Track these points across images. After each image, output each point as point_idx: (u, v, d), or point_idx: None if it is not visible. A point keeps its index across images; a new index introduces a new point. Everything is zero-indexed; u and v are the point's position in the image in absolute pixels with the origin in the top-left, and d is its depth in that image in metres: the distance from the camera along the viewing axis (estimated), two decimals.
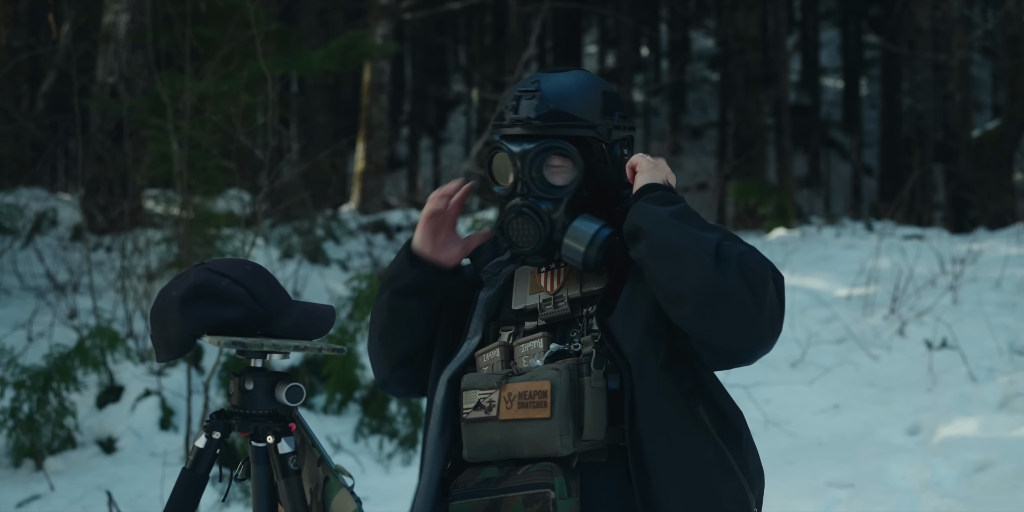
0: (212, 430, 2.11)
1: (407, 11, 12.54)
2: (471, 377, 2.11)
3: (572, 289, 2.12)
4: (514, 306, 2.17)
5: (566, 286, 2.13)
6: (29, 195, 9.46)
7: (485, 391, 2.07)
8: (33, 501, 5.17)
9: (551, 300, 2.13)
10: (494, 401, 2.05)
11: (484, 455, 2.07)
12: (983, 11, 17.69)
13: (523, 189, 2.10)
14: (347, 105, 18.10)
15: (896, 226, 10.88)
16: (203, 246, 7.33)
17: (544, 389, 2.00)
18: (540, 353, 2.08)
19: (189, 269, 2.09)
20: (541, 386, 2.01)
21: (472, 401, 2.08)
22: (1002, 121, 13.15)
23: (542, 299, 2.14)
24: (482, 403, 2.06)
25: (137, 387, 5.89)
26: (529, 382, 2.02)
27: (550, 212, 2.09)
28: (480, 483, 2.05)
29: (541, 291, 2.15)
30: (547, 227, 2.09)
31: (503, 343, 2.13)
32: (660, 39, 24.02)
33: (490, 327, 2.19)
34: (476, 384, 2.09)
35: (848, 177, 20.01)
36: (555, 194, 2.10)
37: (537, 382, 2.01)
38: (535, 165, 2.09)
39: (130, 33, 8.78)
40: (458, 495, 2.07)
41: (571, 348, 2.08)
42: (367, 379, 6.20)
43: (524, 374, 2.04)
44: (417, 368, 2.21)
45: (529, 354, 2.09)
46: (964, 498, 4.81)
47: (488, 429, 2.05)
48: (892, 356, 6.87)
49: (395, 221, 10.82)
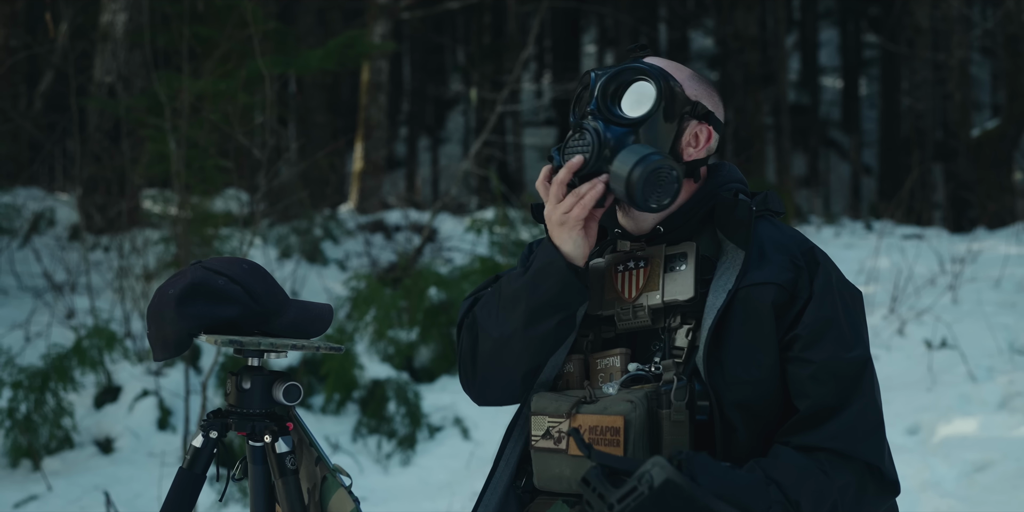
0: (209, 429, 2.09)
1: (405, 10, 12.52)
2: (542, 399, 1.93)
3: (652, 297, 1.93)
4: (590, 311, 1.98)
5: (646, 292, 1.94)
6: (27, 195, 9.45)
7: (555, 420, 1.89)
8: (31, 501, 5.15)
9: (629, 309, 1.94)
10: (563, 432, 1.88)
11: (554, 487, 1.91)
12: (982, 10, 17.68)
13: (594, 108, 1.91)
14: (345, 105, 18.09)
15: (895, 226, 10.88)
16: (201, 246, 7.32)
17: (617, 426, 1.82)
18: (617, 373, 1.92)
19: (186, 268, 2.08)
20: (614, 422, 1.83)
21: (541, 428, 1.91)
22: (1001, 120, 13.15)
23: (620, 308, 1.96)
24: (551, 433, 1.89)
25: (135, 387, 5.87)
26: (601, 416, 1.84)
27: (610, 138, 1.89)
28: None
29: (618, 297, 1.97)
30: (601, 145, 1.87)
31: (580, 357, 1.97)
32: (659, 38, 24.00)
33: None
34: (546, 409, 1.91)
35: (847, 177, 20.01)
36: (623, 120, 1.90)
37: (610, 416, 1.83)
38: (617, 83, 1.92)
39: (128, 32, 8.76)
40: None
41: (650, 371, 1.90)
42: (365, 379, 6.19)
43: (597, 403, 1.86)
44: (531, 381, 2.01)
45: (606, 372, 1.93)
46: (964, 498, 4.80)
47: (558, 462, 1.88)
48: (892, 356, 6.85)
49: (393, 221, 10.81)
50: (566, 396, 1.91)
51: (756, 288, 1.88)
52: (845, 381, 1.86)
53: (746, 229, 1.91)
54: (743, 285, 1.88)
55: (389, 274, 7.91)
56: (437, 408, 6.13)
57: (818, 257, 1.93)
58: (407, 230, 10.42)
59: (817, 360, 1.85)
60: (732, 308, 1.87)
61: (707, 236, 1.96)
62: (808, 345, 1.86)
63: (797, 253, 1.92)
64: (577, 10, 20.30)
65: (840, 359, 1.86)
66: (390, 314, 6.65)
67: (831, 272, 1.93)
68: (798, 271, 1.90)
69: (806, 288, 1.89)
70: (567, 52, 22.52)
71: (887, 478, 1.88)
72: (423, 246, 8.72)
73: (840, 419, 1.84)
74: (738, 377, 1.85)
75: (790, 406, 1.88)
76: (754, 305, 1.87)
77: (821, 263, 1.93)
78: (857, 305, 1.94)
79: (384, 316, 6.62)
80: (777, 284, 1.88)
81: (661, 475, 1.66)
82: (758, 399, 1.86)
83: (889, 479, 1.88)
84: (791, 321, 1.88)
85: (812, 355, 1.85)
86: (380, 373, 6.25)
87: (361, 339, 6.62)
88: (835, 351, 1.86)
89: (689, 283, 1.91)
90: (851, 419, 1.85)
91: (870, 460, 1.86)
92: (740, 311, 1.87)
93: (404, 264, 8.05)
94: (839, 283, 1.93)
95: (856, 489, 1.84)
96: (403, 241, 10.09)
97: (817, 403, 1.85)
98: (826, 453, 1.83)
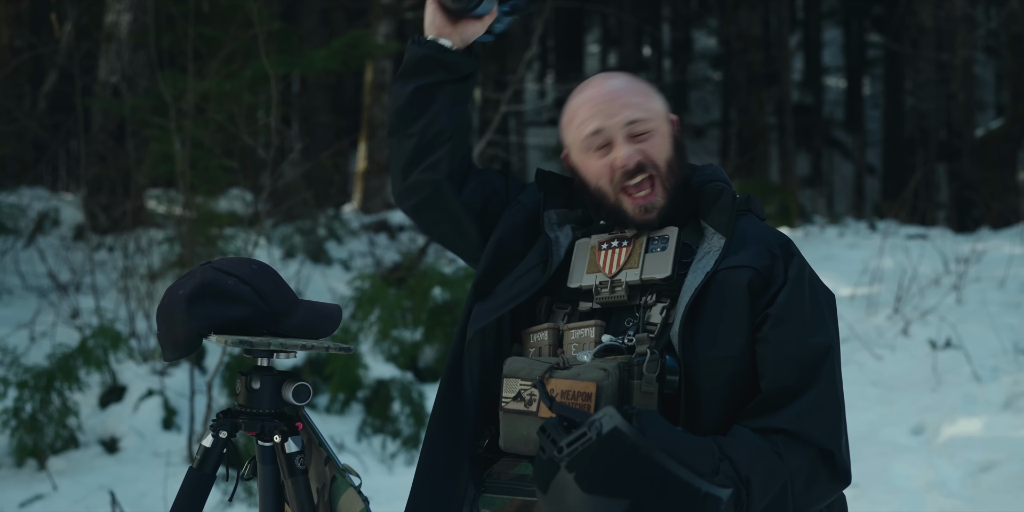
0: (219, 429, 2.10)
1: (409, 10, 12.53)
2: (514, 363, 1.99)
3: (631, 274, 2.01)
4: (570, 283, 2.06)
5: (626, 269, 2.02)
6: (31, 195, 9.46)
7: (527, 382, 1.95)
8: (36, 501, 5.16)
9: (608, 284, 2.02)
10: (535, 395, 1.94)
11: (520, 449, 1.97)
12: (986, 10, 17.67)
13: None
14: (349, 105, 18.09)
15: (899, 226, 10.88)
16: (205, 246, 7.32)
17: (589, 391, 1.89)
18: (591, 344, 1.97)
19: (196, 268, 2.09)
20: (586, 387, 1.90)
21: (512, 390, 1.97)
22: (1005, 120, 13.14)
23: (599, 281, 2.03)
24: (522, 395, 1.95)
25: (140, 387, 5.88)
26: (574, 381, 1.91)
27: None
28: (514, 479, 2.00)
29: (599, 272, 2.04)
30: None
31: (553, 326, 2.03)
32: (662, 38, 24.00)
33: (543, 302, 2.08)
34: (518, 372, 1.97)
35: (851, 177, 20.00)
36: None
37: (582, 382, 1.90)
38: None
39: (132, 32, 8.77)
40: (491, 488, 2.02)
41: (624, 342, 1.97)
42: (370, 379, 6.20)
43: (570, 369, 1.93)
44: (440, 170, 2.13)
45: (579, 343, 1.99)
46: (969, 498, 4.80)
47: (527, 423, 1.94)
48: (896, 356, 6.85)
49: (397, 221, 10.81)
50: (539, 361, 1.97)
51: (733, 271, 1.95)
52: (807, 367, 1.92)
53: (729, 215, 2.00)
54: (721, 268, 1.95)
55: (393, 274, 7.92)
56: None
57: (793, 249, 2.01)
58: (411, 230, 10.43)
59: (781, 340, 1.92)
60: (709, 289, 1.94)
61: (690, 227, 2.04)
62: (775, 325, 1.93)
63: (775, 244, 2.01)
64: (580, 10, 20.30)
65: (803, 344, 1.92)
66: (394, 314, 6.65)
67: (805, 266, 2.01)
68: (774, 259, 1.98)
69: (781, 275, 1.97)
70: (570, 52, 22.52)
71: (839, 466, 1.93)
72: (427, 246, 8.72)
73: (799, 403, 1.90)
74: (709, 355, 1.91)
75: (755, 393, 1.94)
76: (730, 286, 1.94)
77: (795, 255, 2.01)
78: (829, 302, 2.02)
79: (388, 316, 6.62)
80: (754, 268, 1.96)
81: (610, 423, 1.71)
82: (725, 379, 1.91)
83: (842, 468, 1.93)
84: (764, 304, 1.94)
85: (777, 334, 1.92)
86: (384, 373, 6.26)
87: (365, 339, 6.62)
88: (798, 335, 1.93)
89: (668, 263, 1.99)
90: (810, 404, 1.90)
91: (825, 446, 1.91)
92: (717, 291, 1.94)
93: (408, 264, 8.06)
94: (812, 278, 2.01)
95: (808, 473, 1.89)
96: (407, 241, 10.10)
97: (778, 386, 1.91)
98: (783, 436, 1.89)
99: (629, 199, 2.02)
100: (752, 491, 1.83)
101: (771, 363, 1.92)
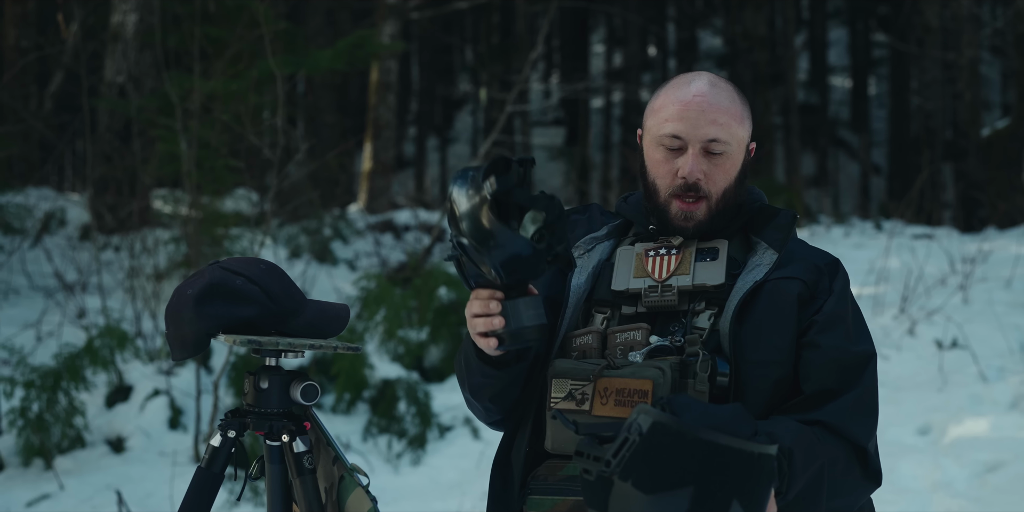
0: (227, 429, 2.10)
1: (414, 11, 12.54)
2: (563, 364, 1.99)
3: (683, 279, 2.01)
4: (614, 286, 2.05)
5: (676, 275, 2.02)
6: (38, 195, 9.48)
7: (578, 382, 1.95)
8: (43, 500, 5.17)
9: (657, 288, 2.02)
10: (587, 394, 1.93)
11: (568, 450, 1.93)
12: (992, 9, 17.66)
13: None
14: (354, 105, 18.12)
15: (905, 225, 10.86)
16: (211, 246, 7.33)
17: (645, 388, 1.90)
18: (639, 346, 1.97)
19: (204, 268, 2.09)
20: (642, 385, 1.90)
21: (563, 390, 1.96)
22: (1012, 120, 13.13)
23: (647, 285, 2.02)
24: (574, 394, 1.95)
25: (146, 386, 5.89)
26: (629, 379, 1.92)
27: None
28: (563, 480, 1.98)
29: (647, 276, 2.04)
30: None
31: (597, 330, 2.03)
32: (668, 38, 23.99)
33: (582, 306, 2.07)
34: (569, 373, 1.97)
35: (857, 176, 19.99)
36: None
37: (638, 380, 1.91)
38: None
39: (138, 33, 8.79)
40: (537, 490, 2.00)
41: (673, 343, 1.97)
42: (376, 379, 6.20)
43: (623, 369, 1.94)
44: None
45: (625, 346, 1.98)
46: (975, 498, 4.79)
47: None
48: (902, 356, 6.84)
49: (402, 221, 10.82)
50: (588, 362, 1.98)
51: (783, 281, 2.01)
52: (848, 371, 1.97)
53: (786, 233, 2.06)
54: (771, 278, 2.00)
55: (399, 274, 7.92)
56: (447, 408, 6.13)
57: (839, 268, 2.08)
58: (416, 230, 10.44)
59: (826, 345, 1.97)
60: (758, 296, 1.99)
61: (738, 241, 2.08)
62: (821, 331, 1.98)
63: (821, 263, 2.07)
64: (586, 10, 20.30)
65: (846, 349, 1.98)
66: (400, 314, 6.66)
67: (848, 284, 2.07)
68: (820, 274, 2.04)
69: (827, 288, 2.03)
70: (576, 52, 22.53)
71: (871, 466, 1.97)
72: (432, 246, 8.73)
73: (838, 402, 1.95)
74: (755, 358, 1.95)
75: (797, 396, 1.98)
76: (780, 295, 1.99)
77: (841, 273, 2.07)
78: (863, 317, 2.08)
79: (394, 316, 6.63)
80: (803, 280, 2.01)
81: (647, 420, 1.70)
82: (769, 383, 1.95)
83: (874, 468, 1.97)
84: (812, 312, 2.00)
85: (823, 340, 1.97)
86: (390, 373, 6.26)
87: (371, 339, 6.63)
88: (843, 341, 1.98)
89: (720, 271, 2.02)
90: (848, 403, 1.95)
91: (859, 442, 1.95)
92: (766, 299, 1.98)
93: (414, 264, 8.06)
94: (852, 296, 2.08)
95: (845, 462, 1.93)
96: (412, 241, 10.11)
97: (820, 387, 1.96)
98: (821, 426, 1.93)
99: (678, 201, 2.05)
100: (795, 464, 1.85)
101: (815, 366, 1.97)
